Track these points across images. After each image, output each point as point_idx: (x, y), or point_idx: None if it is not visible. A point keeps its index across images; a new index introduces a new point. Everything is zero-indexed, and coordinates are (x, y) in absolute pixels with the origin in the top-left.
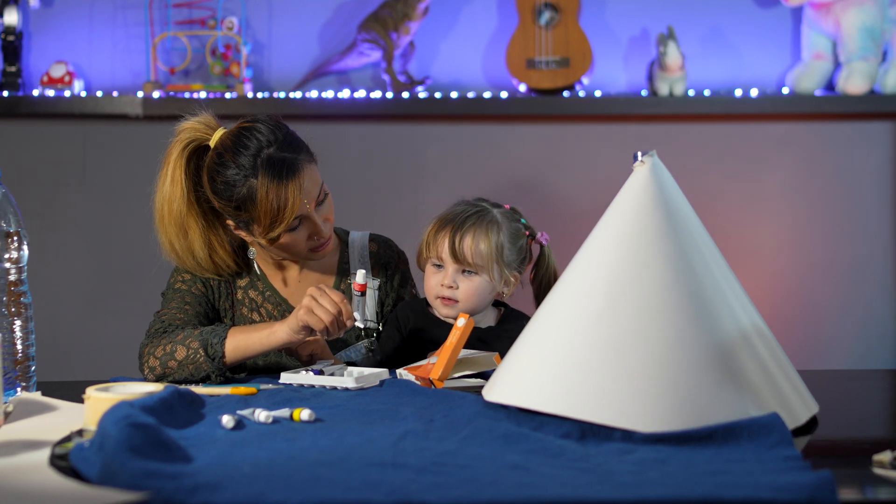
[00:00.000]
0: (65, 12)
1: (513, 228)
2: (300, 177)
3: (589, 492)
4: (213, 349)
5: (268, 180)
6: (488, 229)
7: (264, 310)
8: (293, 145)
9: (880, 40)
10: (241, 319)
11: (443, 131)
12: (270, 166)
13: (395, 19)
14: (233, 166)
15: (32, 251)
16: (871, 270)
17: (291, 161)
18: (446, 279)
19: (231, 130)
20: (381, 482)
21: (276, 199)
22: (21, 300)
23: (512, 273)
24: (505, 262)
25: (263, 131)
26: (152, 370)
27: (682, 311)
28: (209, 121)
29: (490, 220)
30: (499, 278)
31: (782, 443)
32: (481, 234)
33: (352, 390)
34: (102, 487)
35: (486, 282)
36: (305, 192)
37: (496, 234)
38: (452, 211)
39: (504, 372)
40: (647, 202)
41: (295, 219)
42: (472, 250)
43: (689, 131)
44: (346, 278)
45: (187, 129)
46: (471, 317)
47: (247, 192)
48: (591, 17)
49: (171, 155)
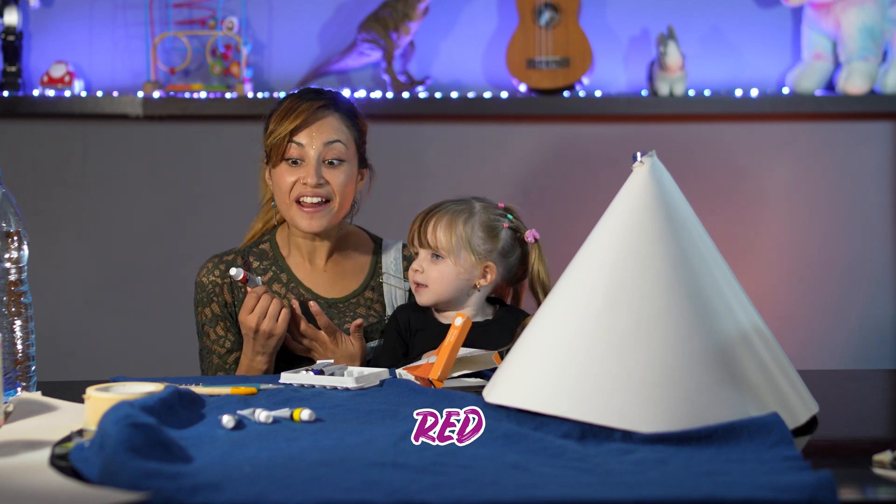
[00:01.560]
0: (65, 12)
1: (490, 219)
2: (316, 109)
3: (589, 492)
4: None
5: (291, 97)
6: (456, 216)
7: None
8: (339, 102)
9: (880, 40)
10: None
11: (443, 131)
12: (303, 91)
13: (395, 19)
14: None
15: (32, 251)
16: (871, 270)
17: (322, 98)
18: (415, 263)
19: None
20: (381, 482)
21: (289, 107)
22: (21, 300)
23: (485, 263)
24: (474, 249)
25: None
26: None
27: (682, 311)
28: None
29: (463, 209)
30: (468, 267)
31: (782, 442)
32: (446, 219)
33: (352, 390)
34: (102, 487)
35: (450, 267)
36: (316, 125)
37: (464, 221)
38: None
39: (504, 373)
40: (647, 202)
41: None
42: (434, 233)
43: (689, 131)
44: (378, 276)
45: None
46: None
47: (278, 104)
48: (592, 17)
49: None
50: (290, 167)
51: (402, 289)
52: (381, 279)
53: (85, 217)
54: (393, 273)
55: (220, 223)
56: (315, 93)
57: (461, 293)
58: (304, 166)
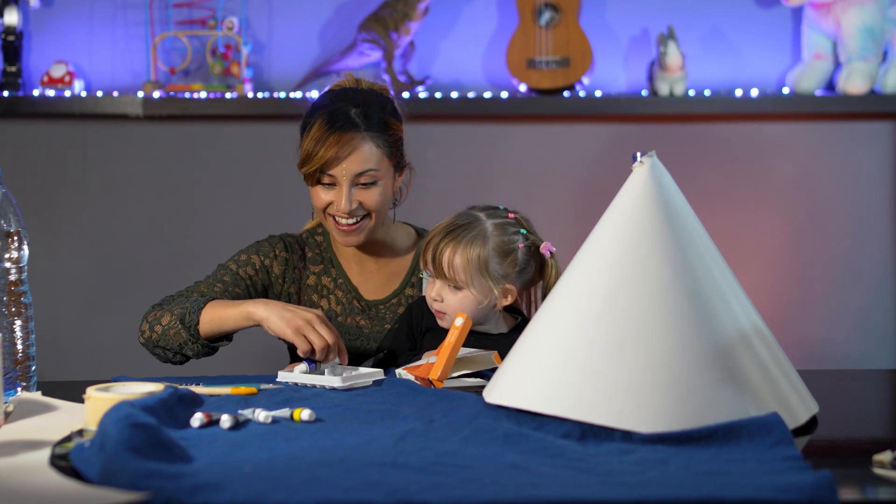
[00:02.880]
0: (65, 12)
1: (504, 241)
2: (348, 140)
3: (589, 492)
4: (190, 318)
5: (324, 122)
6: (469, 243)
7: (334, 297)
8: (371, 119)
9: (880, 40)
10: (310, 305)
11: (443, 131)
12: (333, 114)
13: (395, 19)
14: (321, 98)
15: (32, 251)
16: (870, 270)
17: (353, 125)
18: (433, 292)
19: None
20: (382, 482)
21: (315, 142)
22: (21, 300)
23: (503, 286)
24: (491, 275)
25: (360, 93)
26: (142, 333)
27: (682, 311)
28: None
29: (476, 233)
30: (484, 292)
31: (782, 442)
32: (460, 249)
33: (338, 390)
34: (103, 487)
35: (469, 297)
36: (347, 158)
37: (478, 248)
38: (448, 221)
39: (504, 373)
40: (646, 203)
41: (322, 172)
42: (449, 264)
43: (689, 131)
44: (418, 272)
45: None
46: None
47: (308, 121)
48: (592, 17)
49: None
50: (324, 188)
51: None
52: (420, 275)
53: (85, 217)
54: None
55: (220, 223)
56: (345, 118)
57: (483, 316)
58: (338, 190)
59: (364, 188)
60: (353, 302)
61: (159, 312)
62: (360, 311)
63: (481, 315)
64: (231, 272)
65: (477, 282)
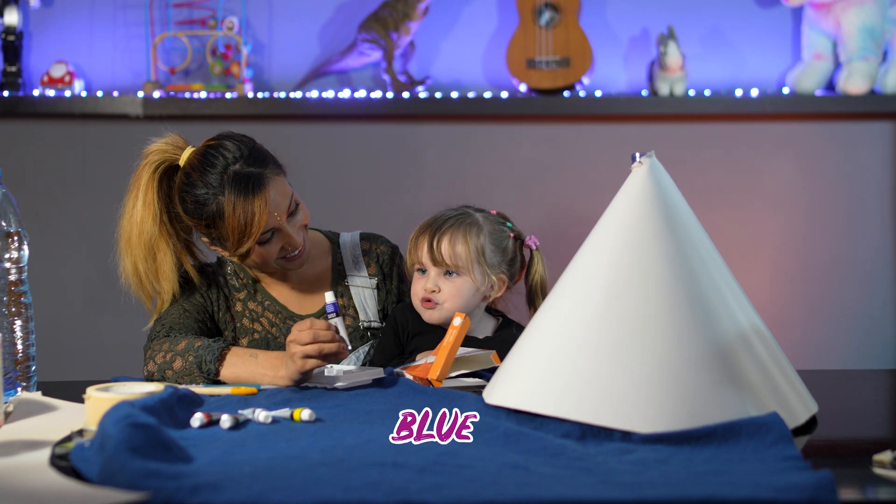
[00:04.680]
0: (65, 12)
1: (496, 231)
2: (266, 191)
3: (589, 492)
4: (207, 367)
5: (234, 196)
6: (467, 231)
7: (265, 319)
8: (259, 160)
9: (880, 40)
10: (243, 331)
11: (443, 131)
12: (236, 182)
13: (395, 19)
14: (201, 185)
15: (32, 251)
16: (871, 270)
17: (258, 176)
18: (429, 283)
19: (198, 149)
20: (381, 482)
21: (242, 214)
22: (21, 300)
23: (497, 275)
24: (487, 263)
25: (230, 147)
26: (150, 375)
27: (681, 312)
28: (177, 140)
29: (470, 222)
30: (482, 280)
31: (782, 441)
32: (459, 236)
33: (338, 389)
34: (103, 487)
35: (468, 283)
36: (274, 204)
37: (475, 236)
38: (433, 216)
39: (504, 374)
40: (645, 203)
41: (266, 231)
42: (450, 251)
43: (689, 131)
44: (344, 280)
45: (155, 150)
46: (467, 315)
47: (215, 209)
48: (592, 17)
49: (140, 178)
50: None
51: (370, 288)
52: (346, 282)
53: (85, 217)
54: (357, 273)
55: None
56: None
57: (474, 307)
58: (280, 234)
59: (293, 216)
60: (287, 321)
61: (168, 356)
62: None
63: (473, 306)
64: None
65: (476, 268)
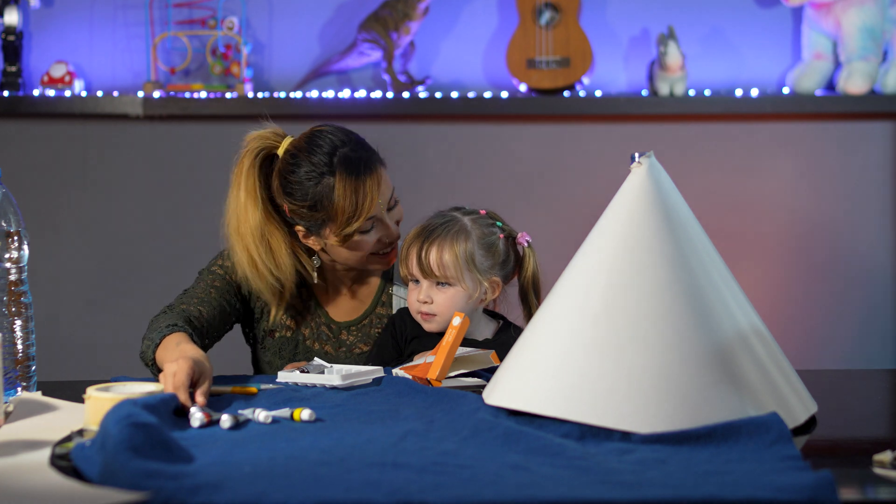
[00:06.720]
0: (65, 12)
1: (484, 233)
2: (377, 174)
3: (589, 492)
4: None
5: (345, 176)
6: (454, 239)
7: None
8: (366, 147)
9: (881, 40)
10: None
11: (443, 131)
12: (347, 163)
13: (395, 19)
14: (307, 164)
15: (33, 251)
16: (871, 270)
17: (367, 158)
18: (421, 294)
19: (302, 135)
20: (382, 482)
21: (353, 194)
22: (21, 300)
23: (490, 278)
24: (478, 268)
25: (336, 133)
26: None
27: (680, 312)
28: (277, 130)
29: (458, 229)
30: (474, 286)
31: (781, 440)
32: (446, 245)
33: (338, 389)
34: (103, 487)
35: (459, 292)
36: (381, 192)
37: (463, 243)
38: (422, 225)
39: (503, 375)
40: (644, 203)
41: (369, 219)
42: (438, 262)
43: (689, 131)
44: (389, 289)
45: (255, 137)
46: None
47: (323, 189)
48: (592, 17)
49: (241, 166)
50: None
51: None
52: (391, 290)
53: (85, 217)
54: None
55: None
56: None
57: (470, 311)
58: (380, 225)
59: (392, 210)
60: (322, 328)
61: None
62: (328, 337)
63: (469, 310)
64: (220, 278)
65: (466, 276)
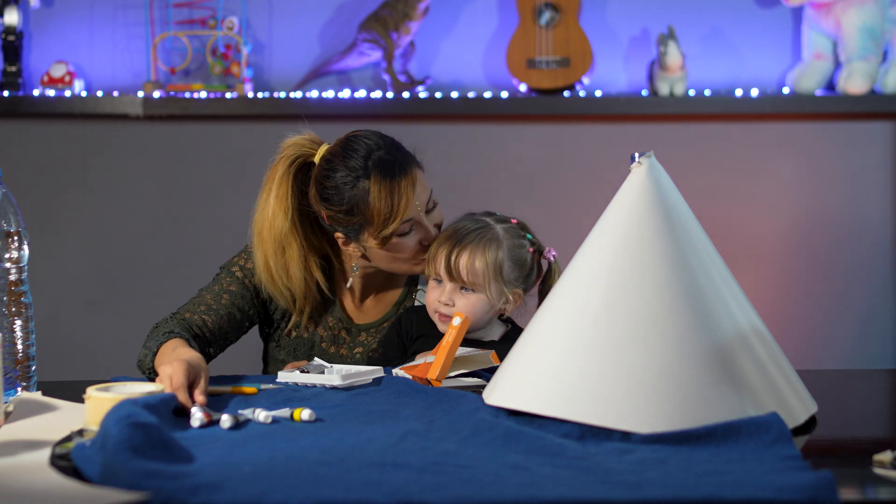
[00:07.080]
0: (65, 12)
1: (515, 245)
2: (411, 175)
3: (589, 492)
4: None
5: (380, 178)
6: (486, 247)
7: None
8: (401, 149)
9: (881, 40)
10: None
11: (443, 131)
12: (382, 165)
13: (395, 19)
14: (343, 169)
15: (33, 251)
16: (871, 270)
17: (402, 160)
18: (443, 296)
19: (337, 140)
20: (382, 482)
21: (388, 195)
22: (21, 300)
23: (513, 290)
24: (504, 279)
25: (371, 137)
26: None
27: (680, 312)
28: (314, 137)
29: (490, 237)
30: (498, 296)
31: (781, 440)
32: (478, 252)
33: (339, 388)
34: (103, 487)
35: (483, 300)
36: (416, 194)
37: (494, 252)
38: (454, 226)
39: (503, 375)
40: (644, 203)
41: (406, 222)
42: (468, 268)
43: (689, 131)
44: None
45: (291, 144)
46: (466, 315)
47: (359, 192)
48: (592, 17)
49: (275, 172)
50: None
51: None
52: (415, 295)
53: (85, 217)
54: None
55: (221, 223)
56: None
57: (486, 321)
58: (419, 228)
59: (431, 213)
60: (342, 332)
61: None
62: (343, 340)
63: (485, 320)
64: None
65: (492, 285)
